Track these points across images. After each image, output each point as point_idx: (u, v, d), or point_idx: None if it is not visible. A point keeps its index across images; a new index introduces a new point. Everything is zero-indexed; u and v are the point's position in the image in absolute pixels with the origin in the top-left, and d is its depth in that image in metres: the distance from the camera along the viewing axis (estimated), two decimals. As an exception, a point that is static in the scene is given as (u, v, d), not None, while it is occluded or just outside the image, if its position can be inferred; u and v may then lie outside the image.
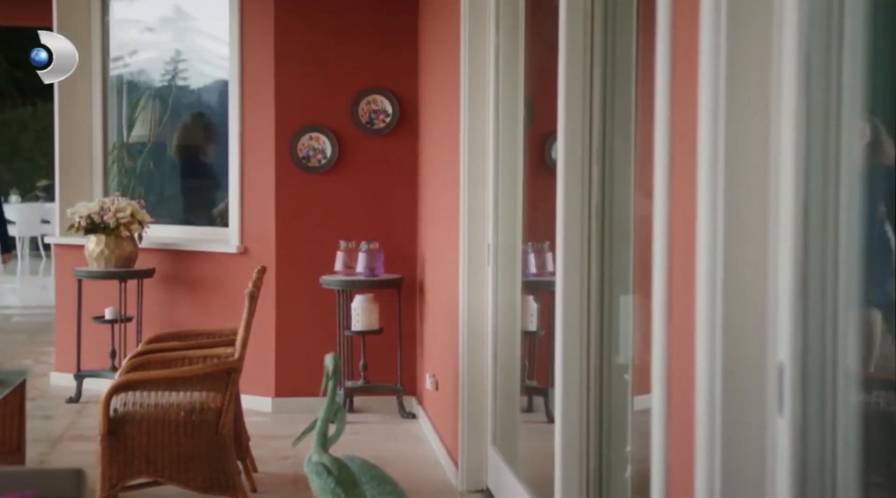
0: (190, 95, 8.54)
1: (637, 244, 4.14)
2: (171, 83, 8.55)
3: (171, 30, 8.36)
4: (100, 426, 4.93)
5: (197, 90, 8.50)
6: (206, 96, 8.46)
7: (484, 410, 5.58)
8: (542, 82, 5.51)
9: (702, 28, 2.35)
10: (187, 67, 8.48)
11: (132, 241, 7.54)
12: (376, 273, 7.12)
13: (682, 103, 2.55)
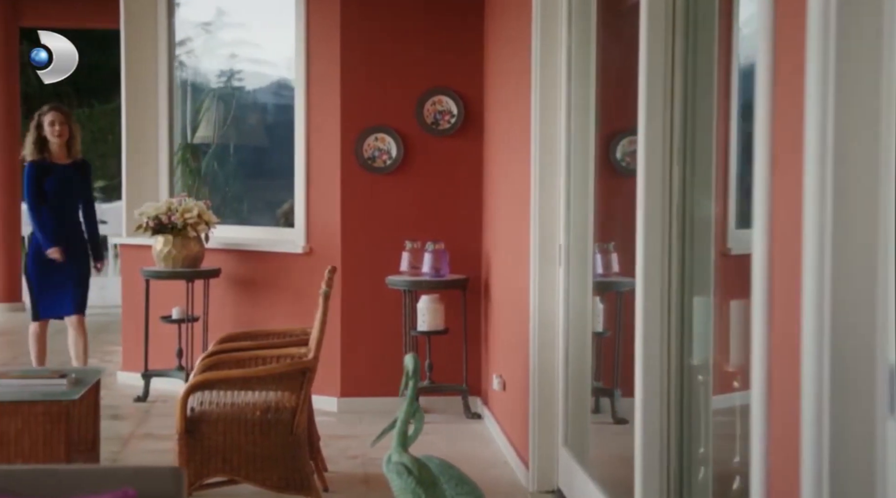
0: (253, 97, 8.59)
1: (717, 245, 4.13)
2: (235, 85, 8.61)
3: (235, 32, 8.41)
4: (177, 425, 4.97)
5: (260, 91, 8.55)
6: (270, 97, 8.51)
7: (554, 411, 5.58)
8: (609, 82, 5.50)
9: (809, 28, 2.34)
10: (251, 69, 8.53)
11: (199, 242, 7.60)
12: (442, 273, 7.13)
13: (785, 100, 2.54)
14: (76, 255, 7.45)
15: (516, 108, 6.15)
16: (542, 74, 5.52)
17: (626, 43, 5.57)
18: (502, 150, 6.75)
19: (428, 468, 4.15)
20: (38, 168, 7.34)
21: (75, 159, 7.45)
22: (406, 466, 4.11)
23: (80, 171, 7.50)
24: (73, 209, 7.46)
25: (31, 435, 5.07)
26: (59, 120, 7.36)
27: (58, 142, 7.35)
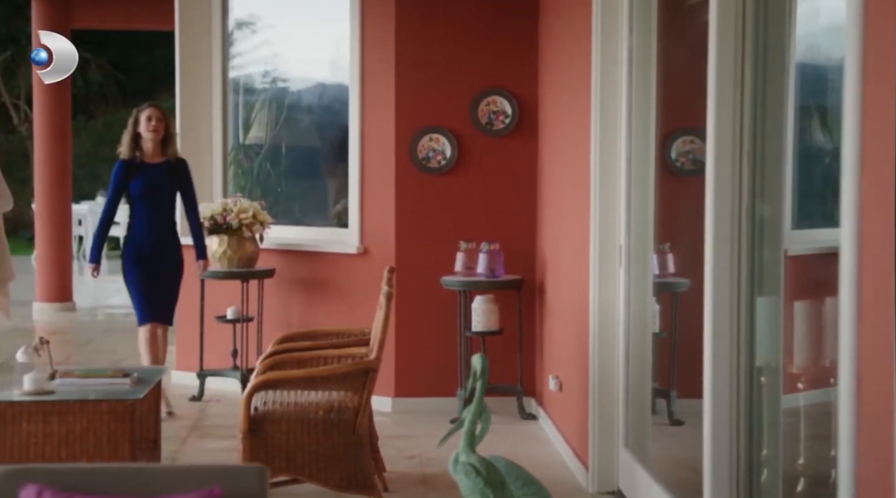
0: (306, 97, 8.62)
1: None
2: (287, 85, 8.64)
3: (290, 32, 8.43)
4: (241, 424, 5.00)
5: (313, 92, 8.58)
6: (322, 98, 8.53)
7: (614, 412, 5.57)
8: (665, 82, 5.49)
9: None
10: (304, 70, 8.56)
11: (254, 242, 7.64)
12: (497, 274, 7.13)
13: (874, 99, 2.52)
14: (166, 259, 7.13)
15: (574, 108, 6.14)
16: (602, 74, 5.51)
17: (686, 41, 5.57)
18: (558, 151, 6.74)
19: (496, 469, 4.15)
20: (126, 167, 7.10)
21: (169, 159, 7.13)
22: (474, 467, 4.11)
23: (175, 170, 7.14)
24: (162, 211, 7.12)
25: (96, 433, 5.10)
26: (157, 116, 7.12)
27: (151, 138, 7.07)
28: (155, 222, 7.12)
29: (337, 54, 8.18)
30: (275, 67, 8.65)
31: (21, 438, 5.06)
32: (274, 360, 5.37)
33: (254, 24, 8.57)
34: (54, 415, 5.08)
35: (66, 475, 2.78)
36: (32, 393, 5.15)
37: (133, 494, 2.74)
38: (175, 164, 7.18)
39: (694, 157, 5.78)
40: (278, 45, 8.55)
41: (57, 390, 5.22)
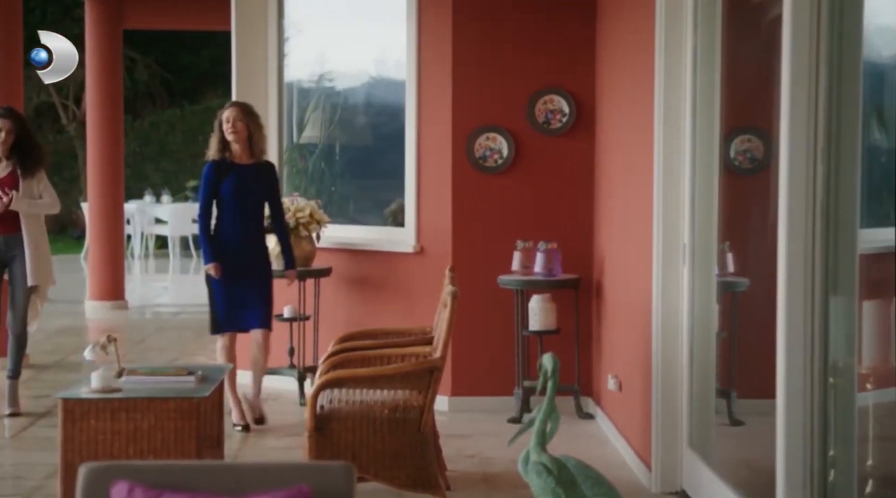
0: (360, 96, 8.63)
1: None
2: (341, 84, 8.66)
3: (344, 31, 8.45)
4: (307, 422, 5.02)
5: (367, 91, 8.59)
6: (377, 97, 8.55)
7: (678, 412, 5.54)
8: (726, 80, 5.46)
9: None
10: (358, 69, 8.58)
11: (310, 241, 7.66)
12: (554, 273, 7.12)
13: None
14: (258, 263, 6.89)
15: (636, 106, 6.12)
16: (665, 71, 5.49)
17: (747, 39, 5.54)
18: (618, 149, 6.72)
19: (567, 468, 4.14)
20: (215, 168, 6.85)
21: (258, 160, 6.89)
22: (545, 466, 4.10)
23: (263, 172, 6.90)
24: (252, 214, 6.87)
25: (162, 431, 5.15)
26: (235, 116, 6.83)
27: (233, 139, 6.83)
28: (242, 225, 6.84)
29: (391, 54, 8.19)
30: (329, 67, 8.67)
31: (89, 435, 5.11)
32: (338, 358, 5.39)
33: (309, 24, 8.58)
34: (122, 412, 5.13)
35: (155, 472, 2.81)
36: (100, 390, 5.19)
37: (222, 491, 2.76)
38: (263, 166, 6.93)
39: (751, 156, 5.75)
40: (333, 45, 8.57)
41: (124, 388, 5.26)
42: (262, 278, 6.91)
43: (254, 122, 6.92)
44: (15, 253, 7.04)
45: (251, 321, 6.86)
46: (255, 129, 6.89)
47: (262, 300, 6.87)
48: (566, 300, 7.23)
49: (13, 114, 7.13)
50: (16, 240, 7.04)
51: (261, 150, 6.93)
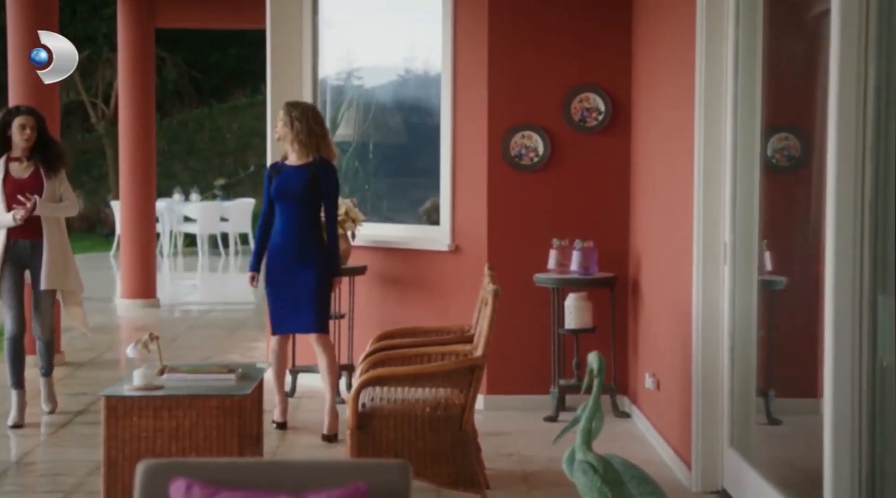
0: (393, 95, 8.63)
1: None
2: (375, 83, 8.66)
3: (378, 29, 8.45)
4: (349, 420, 5.02)
5: (401, 90, 8.59)
6: (410, 96, 8.54)
7: (718, 411, 5.52)
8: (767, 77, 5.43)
9: None
10: (392, 67, 8.58)
11: (346, 239, 7.66)
12: (591, 271, 7.10)
13: None
14: (306, 265, 6.65)
15: (675, 104, 6.10)
16: (706, 69, 5.47)
17: (788, 37, 5.51)
18: (655, 147, 6.70)
19: (613, 467, 4.13)
20: (271, 170, 6.83)
21: (313, 159, 6.67)
22: (592, 465, 4.09)
23: (310, 172, 6.65)
24: (303, 215, 6.66)
25: (204, 428, 5.17)
26: (281, 118, 6.78)
27: (278, 138, 6.82)
28: (287, 227, 6.68)
29: (425, 52, 8.19)
30: (361, 64, 8.66)
31: (132, 432, 5.14)
32: (378, 356, 5.40)
33: (343, 22, 8.58)
34: (164, 410, 5.15)
35: (211, 470, 2.81)
36: (142, 388, 5.22)
37: (279, 489, 2.76)
38: (311, 165, 6.68)
39: (789, 154, 5.73)
40: (365, 42, 8.57)
41: (166, 386, 5.29)
42: (311, 281, 6.65)
43: (309, 120, 6.73)
44: (39, 258, 6.81)
45: (302, 325, 6.74)
46: (301, 127, 6.70)
47: (311, 303, 6.65)
48: (602, 298, 7.21)
49: (36, 112, 6.98)
50: (40, 245, 6.83)
51: (316, 149, 6.69)
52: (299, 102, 7.00)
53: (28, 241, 6.83)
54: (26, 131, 6.80)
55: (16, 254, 6.83)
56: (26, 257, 6.85)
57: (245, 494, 2.73)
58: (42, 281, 6.79)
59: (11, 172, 6.83)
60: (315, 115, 6.85)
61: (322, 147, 6.73)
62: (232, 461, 2.92)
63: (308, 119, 6.74)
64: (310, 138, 6.69)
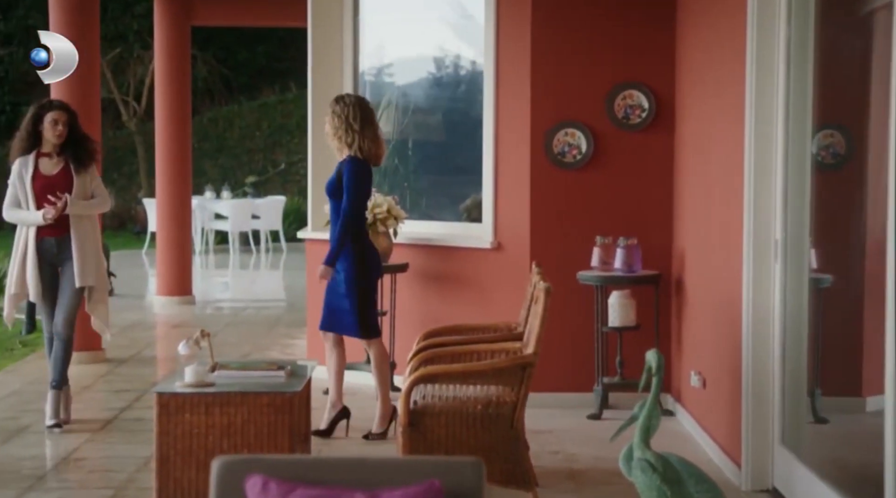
0: (433, 93, 8.63)
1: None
2: (414, 80, 8.66)
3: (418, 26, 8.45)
4: (401, 418, 5.02)
5: (441, 88, 8.59)
6: (450, 94, 8.55)
7: (768, 410, 5.50)
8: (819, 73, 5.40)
9: None
10: (431, 64, 8.58)
11: (388, 237, 7.67)
12: (634, 269, 7.09)
13: None
14: (339, 267, 6.60)
15: (722, 101, 6.08)
16: (757, 66, 5.45)
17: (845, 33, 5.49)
18: (701, 144, 6.68)
19: (671, 465, 4.12)
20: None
21: (345, 156, 6.62)
22: (650, 463, 4.08)
23: (339, 168, 6.63)
24: (332, 214, 6.68)
25: (256, 425, 5.18)
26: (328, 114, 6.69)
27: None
28: (331, 225, 6.69)
29: (467, 49, 8.20)
30: (402, 63, 8.67)
31: (184, 429, 5.16)
32: (428, 354, 5.40)
33: (383, 19, 8.58)
34: (216, 406, 5.17)
35: (287, 466, 2.82)
36: (194, 385, 5.24)
37: (354, 485, 2.77)
38: (342, 162, 6.63)
39: (834, 151, 5.70)
40: (406, 41, 8.57)
41: (217, 383, 5.30)
42: (341, 283, 6.60)
43: (338, 115, 6.63)
44: (66, 255, 6.65)
45: (344, 328, 6.72)
46: (338, 123, 6.61)
47: (347, 306, 6.59)
48: (645, 296, 7.19)
49: (68, 108, 6.81)
50: (67, 241, 6.66)
51: (346, 146, 6.58)
52: (343, 96, 6.82)
53: (54, 239, 6.67)
54: (58, 127, 6.63)
55: (43, 252, 6.65)
56: (53, 255, 6.68)
57: (321, 492, 2.74)
58: (77, 278, 6.63)
59: (41, 168, 6.67)
60: (356, 110, 6.64)
61: (361, 142, 6.57)
62: (307, 458, 2.93)
63: (347, 115, 6.61)
64: (346, 134, 6.59)
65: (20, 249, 6.68)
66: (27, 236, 6.66)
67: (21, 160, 6.67)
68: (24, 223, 6.69)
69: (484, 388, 5.10)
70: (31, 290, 6.65)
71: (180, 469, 5.15)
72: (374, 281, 6.76)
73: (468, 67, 8.22)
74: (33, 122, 6.66)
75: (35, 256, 6.62)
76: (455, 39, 8.28)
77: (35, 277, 6.61)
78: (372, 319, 6.69)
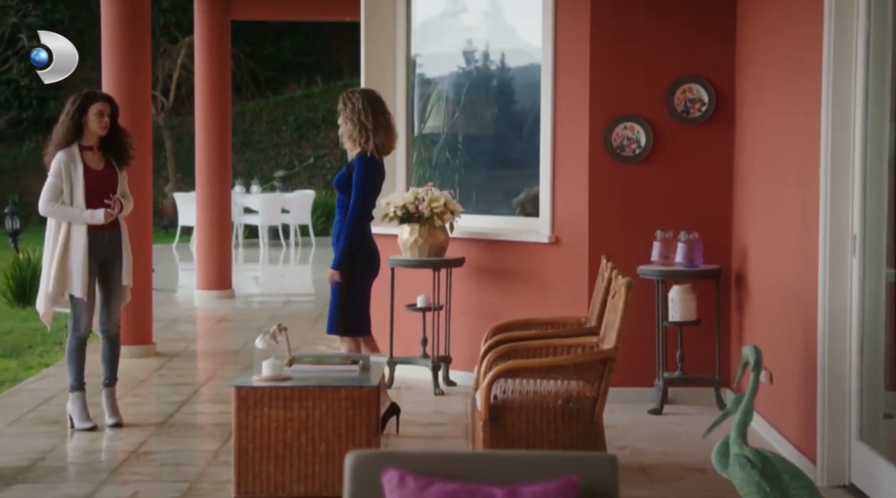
0: (485, 86, 8.60)
1: None
2: (467, 74, 8.62)
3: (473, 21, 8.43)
4: (482, 412, 5.01)
5: (492, 81, 8.56)
6: (502, 87, 8.51)
7: (845, 406, 5.46)
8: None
9: None
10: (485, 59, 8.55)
11: (444, 231, 7.65)
12: (696, 263, 7.05)
13: None
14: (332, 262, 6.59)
15: (794, 94, 6.04)
16: (835, 58, 5.39)
17: None
18: (766, 138, 6.64)
19: (770, 461, 4.09)
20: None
21: (357, 153, 6.56)
22: (749, 459, 4.06)
23: (350, 165, 6.58)
24: (338, 212, 6.62)
25: (334, 419, 5.17)
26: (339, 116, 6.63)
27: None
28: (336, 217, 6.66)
29: (520, 43, 8.17)
30: (454, 55, 8.63)
31: (262, 422, 5.16)
32: (504, 349, 5.38)
33: (436, 12, 8.56)
34: (294, 400, 5.17)
35: (421, 461, 2.80)
36: (271, 379, 5.23)
37: (491, 480, 2.75)
38: (353, 159, 6.58)
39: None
40: (458, 33, 8.55)
41: (294, 377, 5.29)
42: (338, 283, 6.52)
43: (343, 113, 6.55)
44: (116, 252, 6.54)
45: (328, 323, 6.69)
46: (349, 118, 6.50)
47: (331, 301, 6.59)
48: (705, 290, 7.16)
49: (113, 100, 6.63)
50: (117, 238, 6.55)
51: (353, 143, 6.50)
52: (354, 92, 6.67)
53: (107, 234, 6.50)
54: (104, 119, 6.43)
55: (95, 248, 6.45)
56: (104, 251, 6.52)
57: (458, 486, 2.72)
58: (124, 276, 6.54)
59: (87, 162, 6.46)
60: (364, 104, 6.52)
61: (373, 138, 6.47)
62: (441, 453, 2.91)
63: (357, 113, 6.49)
64: (360, 134, 6.48)
65: (60, 245, 6.42)
66: (68, 232, 6.42)
67: (66, 152, 6.40)
68: (69, 219, 6.41)
69: (563, 382, 5.07)
70: (77, 285, 6.38)
71: (258, 463, 5.14)
72: (363, 280, 6.61)
73: (521, 61, 8.18)
74: (78, 112, 6.43)
75: (87, 251, 6.40)
76: (508, 32, 8.25)
77: (86, 272, 6.40)
78: (351, 316, 6.54)
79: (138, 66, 8.63)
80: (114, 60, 8.55)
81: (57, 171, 6.40)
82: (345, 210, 6.56)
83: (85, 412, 6.56)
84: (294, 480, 5.15)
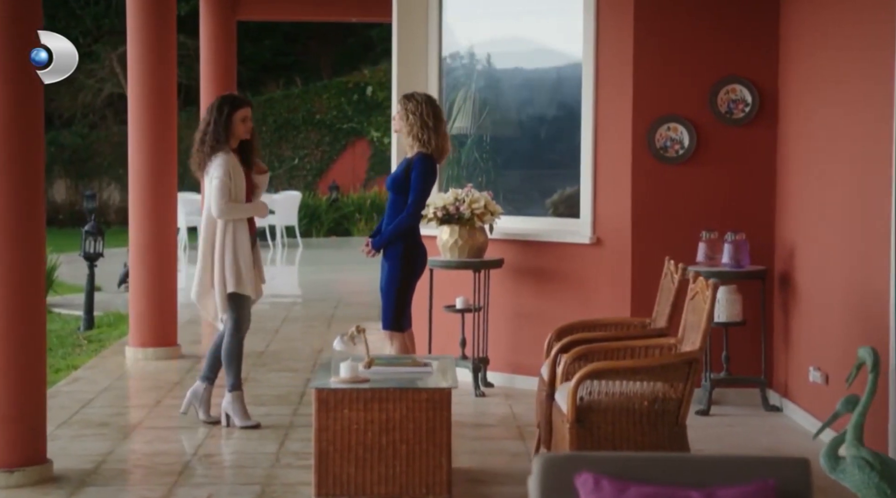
0: (515, 87, 8.55)
1: None
2: (497, 74, 8.57)
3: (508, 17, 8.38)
4: (568, 414, 4.97)
5: (528, 81, 8.51)
6: (533, 88, 8.47)
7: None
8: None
9: None
10: (520, 58, 8.51)
11: (483, 232, 7.61)
12: (742, 264, 7.06)
13: None
14: (386, 261, 6.75)
15: (846, 92, 6.05)
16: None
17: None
18: (814, 137, 6.66)
19: (889, 463, 4.08)
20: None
21: (416, 153, 6.74)
22: (867, 460, 4.04)
23: (409, 163, 6.77)
24: (392, 209, 6.78)
25: (414, 421, 5.12)
26: (397, 109, 6.84)
27: (398, 132, 7.02)
28: (386, 218, 6.82)
29: (559, 43, 8.13)
30: (487, 56, 8.58)
31: (343, 424, 5.11)
32: (582, 350, 5.34)
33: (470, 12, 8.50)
34: (374, 402, 5.12)
35: (616, 464, 2.77)
36: (349, 380, 5.17)
37: (686, 483, 2.71)
38: (408, 159, 6.79)
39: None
40: (493, 32, 8.49)
41: (373, 379, 5.24)
42: (384, 277, 6.73)
43: (412, 113, 6.70)
44: (256, 253, 6.71)
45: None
46: (413, 121, 6.70)
47: (384, 301, 6.74)
48: (750, 291, 7.16)
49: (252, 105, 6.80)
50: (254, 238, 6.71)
51: (415, 142, 6.70)
52: (415, 94, 6.91)
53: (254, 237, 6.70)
54: (248, 123, 6.54)
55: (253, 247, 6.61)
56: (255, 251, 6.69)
57: (655, 490, 2.69)
58: (264, 274, 6.75)
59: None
60: (429, 107, 6.78)
61: (435, 140, 6.68)
62: (634, 456, 2.86)
63: (422, 113, 6.70)
64: (423, 131, 6.68)
65: (230, 244, 6.41)
66: (234, 231, 6.44)
67: (226, 156, 6.41)
68: (247, 214, 6.53)
69: (649, 384, 5.04)
70: (249, 284, 6.46)
71: (339, 465, 5.08)
72: (414, 281, 6.80)
73: (559, 62, 8.15)
74: (229, 116, 6.46)
75: (251, 251, 6.50)
76: (545, 32, 8.20)
77: (252, 271, 6.50)
78: (400, 314, 6.72)
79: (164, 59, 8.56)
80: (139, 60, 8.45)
81: (226, 173, 6.40)
82: (392, 209, 6.72)
83: (245, 411, 6.58)
84: (374, 481, 5.10)
